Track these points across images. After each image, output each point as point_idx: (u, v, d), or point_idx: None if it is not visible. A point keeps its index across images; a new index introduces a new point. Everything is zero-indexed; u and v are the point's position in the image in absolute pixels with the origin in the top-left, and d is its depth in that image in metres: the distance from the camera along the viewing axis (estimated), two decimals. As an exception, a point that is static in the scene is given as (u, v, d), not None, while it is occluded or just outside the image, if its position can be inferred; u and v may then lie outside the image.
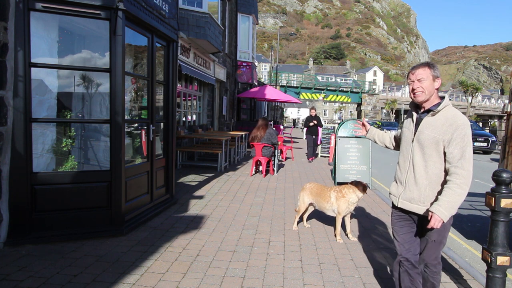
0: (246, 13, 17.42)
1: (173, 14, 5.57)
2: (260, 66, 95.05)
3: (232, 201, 6.10)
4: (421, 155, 2.38)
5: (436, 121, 2.35)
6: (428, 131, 2.35)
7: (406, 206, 2.46)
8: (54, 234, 3.89)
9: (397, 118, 52.43)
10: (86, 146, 4.74)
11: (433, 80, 2.36)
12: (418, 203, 2.40)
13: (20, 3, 3.58)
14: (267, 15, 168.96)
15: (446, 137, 2.28)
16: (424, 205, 2.37)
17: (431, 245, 2.46)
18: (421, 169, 2.38)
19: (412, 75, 2.41)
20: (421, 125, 2.40)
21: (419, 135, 2.39)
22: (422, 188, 2.37)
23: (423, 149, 2.37)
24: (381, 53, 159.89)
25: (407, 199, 2.45)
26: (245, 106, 21.79)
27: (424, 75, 2.36)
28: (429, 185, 2.36)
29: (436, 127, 2.32)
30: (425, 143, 2.35)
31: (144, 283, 3.10)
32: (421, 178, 2.38)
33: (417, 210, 2.41)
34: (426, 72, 2.36)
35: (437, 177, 2.35)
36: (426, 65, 2.40)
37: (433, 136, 2.32)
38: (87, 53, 4.55)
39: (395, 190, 2.57)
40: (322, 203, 4.50)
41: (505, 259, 2.85)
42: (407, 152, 2.49)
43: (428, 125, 2.37)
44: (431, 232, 2.40)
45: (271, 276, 3.32)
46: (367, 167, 7.84)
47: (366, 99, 49.78)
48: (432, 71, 2.36)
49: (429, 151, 2.34)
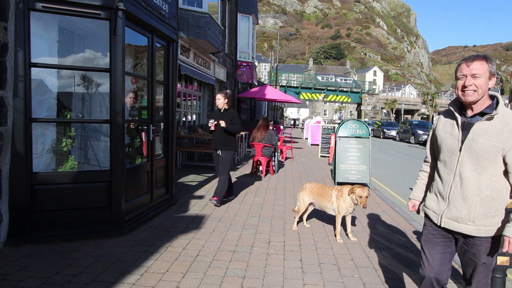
0: (246, 13, 17.42)
1: (173, 14, 5.57)
2: (260, 66, 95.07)
3: (232, 201, 6.10)
4: (473, 167, 2.02)
5: (492, 127, 1.98)
6: (484, 139, 1.98)
7: (451, 226, 2.11)
8: (54, 234, 3.89)
9: (397, 118, 52.41)
10: (86, 146, 4.74)
11: (489, 77, 1.99)
12: (467, 222, 2.05)
13: (20, 3, 3.58)
14: (267, 15, 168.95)
15: (507, 145, 1.95)
16: (474, 224, 2.03)
17: (481, 269, 2.11)
18: (472, 183, 2.03)
19: (466, 68, 2.01)
20: (473, 132, 2.02)
21: (472, 143, 2.01)
22: (472, 205, 2.03)
23: (477, 160, 2.01)
24: (381, 53, 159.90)
25: (452, 218, 2.10)
26: (245, 106, 21.78)
27: (481, 71, 1.97)
28: (481, 202, 2.02)
29: (493, 134, 1.97)
30: (481, 154, 1.99)
31: (144, 283, 3.10)
32: (472, 194, 2.03)
33: (466, 230, 2.06)
34: (483, 67, 1.98)
35: (492, 191, 2.01)
36: (483, 58, 2.00)
37: (492, 145, 1.96)
38: (87, 53, 4.55)
39: (436, 206, 2.21)
40: (323, 202, 4.50)
41: (505, 259, 2.85)
42: (451, 163, 2.10)
43: (483, 132, 1.99)
44: (481, 254, 2.07)
45: (271, 276, 3.32)
46: (367, 167, 7.83)
47: (366, 99, 49.80)
48: (490, 66, 1.99)
49: (485, 163, 1.99)
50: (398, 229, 4.94)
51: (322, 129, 13.87)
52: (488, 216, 2.01)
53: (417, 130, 24.46)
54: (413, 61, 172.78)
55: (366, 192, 4.12)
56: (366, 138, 7.99)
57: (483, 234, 2.03)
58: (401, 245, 4.29)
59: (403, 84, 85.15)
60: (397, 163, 13.63)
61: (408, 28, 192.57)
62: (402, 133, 26.71)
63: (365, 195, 4.09)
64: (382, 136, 29.83)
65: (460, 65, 2.05)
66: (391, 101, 52.58)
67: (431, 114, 51.87)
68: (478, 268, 2.10)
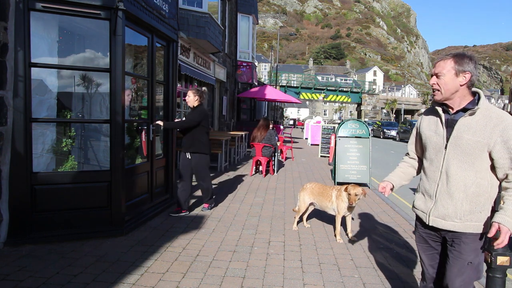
0: (246, 13, 17.43)
1: (173, 14, 5.57)
2: (260, 66, 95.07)
3: (232, 201, 6.10)
4: (459, 164, 2.01)
5: (476, 122, 1.97)
6: (468, 135, 1.97)
7: (439, 224, 2.10)
8: (54, 234, 3.89)
9: (397, 118, 52.43)
10: (86, 146, 4.74)
11: (455, 74, 1.98)
12: (454, 219, 2.04)
13: (20, 3, 3.58)
14: (267, 15, 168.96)
15: (491, 140, 1.93)
16: (461, 221, 2.03)
17: (464, 269, 2.04)
18: (458, 180, 2.02)
19: (433, 69, 2.07)
20: (457, 129, 2.01)
21: (456, 140, 2.01)
22: (458, 202, 2.02)
23: (463, 157, 2.00)
24: (381, 53, 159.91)
25: (440, 216, 2.09)
26: (245, 106, 21.79)
27: (443, 69, 2.00)
28: (466, 198, 2.01)
29: (477, 130, 1.96)
30: (466, 150, 1.98)
31: (144, 283, 3.10)
32: (458, 191, 2.02)
33: (453, 227, 2.05)
34: (446, 65, 2.00)
35: (478, 187, 2.00)
36: (451, 57, 2.02)
37: (477, 140, 1.95)
38: (87, 53, 4.55)
39: (423, 205, 2.19)
40: (324, 202, 4.50)
41: (505, 259, 2.84)
42: (437, 161, 2.10)
43: (467, 128, 1.98)
44: (467, 252, 2.04)
45: (271, 276, 3.32)
46: (367, 167, 7.83)
47: (366, 99, 49.82)
48: (457, 63, 1.97)
49: (470, 159, 1.98)
50: (398, 229, 4.94)
51: (322, 129, 13.88)
52: (474, 212, 2.01)
53: (417, 130, 24.39)
54: (413, 61, 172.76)
55: (355, 190, 4.08)
56: (366, 138, 8.00)
57: (470, 230, 2.02)
58: (401, 245, 4.29)
59: (403, 84, 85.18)
60: (397, 163, 13.55)
61: (408, 28, 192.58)
62: (402, 133, 26.70)
63: (354, 193, 4.07)
64: (382, 136, 29.83)
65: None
66: (391, 101, 52.62)
67: (431, 114, 51.80)
68: (462, 268, 2.04)
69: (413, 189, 2.57)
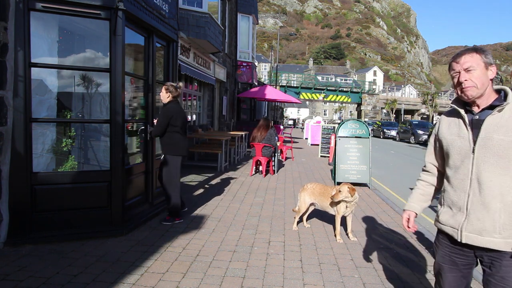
0: (246, 13, 17.42)
1: (173, 14, 5.57)
2: (260, 66, 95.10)
3: (232, 201, 6.10)
4: (492, 169, 1.76)
5: (506, 120, 1.75)
6: (499, 135, 1.74)
7: (475, 241, 1.79)
8: (54, 234, 3.89)
9: (397, 118, 52.42)
10: (86, 146, 4.74)
11: (485, 68, 1.80)
12: (493, 235, 1.74)
13: (20, 3, 3.58)
14: (267, 15, 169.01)
15: None
16: (501, 236, 1.73)
17: None
18: (492, 187, 1.75)
19: (457, 65, 1.84)
20: (484, 129, 1.78)
21: (486, 142, 1.76)
22: (496, 214, 1.74)
23: (495, 160, 1.75)
24: (381, 53, 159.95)
25: (475, 231, 1.79)
26: (245, 106, 21.79)
27: (473, 63, 1.79)
28: (504, 208, 1.74)
29: (509, 129, 1.73)
30: (499, 152, 1.74)
31: (144, 283, 3.10)
32: (494, 200, 1.74)
33: (492, 244, 1.75)
34: (475, 59, 1.80)
35: None
36: (473, 50, 1.83)
37: (510, 140, 1.72)
38: (87, 53, 4.55)
39: (451, 220, 1.89)
40: (325, 202, 4.50)
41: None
42: (465, 167, 1.83)
43: (497, 127, 1.75)
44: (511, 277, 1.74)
45: (271, 276, 3.32)
46: (367, 167, 7.83)
47: (366, 99, 49.80)
48: (483, 56, 1.80)
49: (504, 162, 1.74)
50: (398, 229, 4.94)
51: (322, 129, 13.88)
52: None
53: (417, 130, 24.48)
54: (413, 61, 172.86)
55: (342, 187, 4.20)
56: (366, 138, 8.00)
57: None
58: (401, 245, 4.29)
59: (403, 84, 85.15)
60: (397, 163, 13.63)
61: (408, 28, 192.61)
62: (402, 133, 26.73)
63: (338, 189, 4.23)
64: (382, 136, 29.84)
65: (451, 64, 1.89)
66: (391, 101, 52.58)
67: (431, 114, 51.88)
68: None
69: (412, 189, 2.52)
